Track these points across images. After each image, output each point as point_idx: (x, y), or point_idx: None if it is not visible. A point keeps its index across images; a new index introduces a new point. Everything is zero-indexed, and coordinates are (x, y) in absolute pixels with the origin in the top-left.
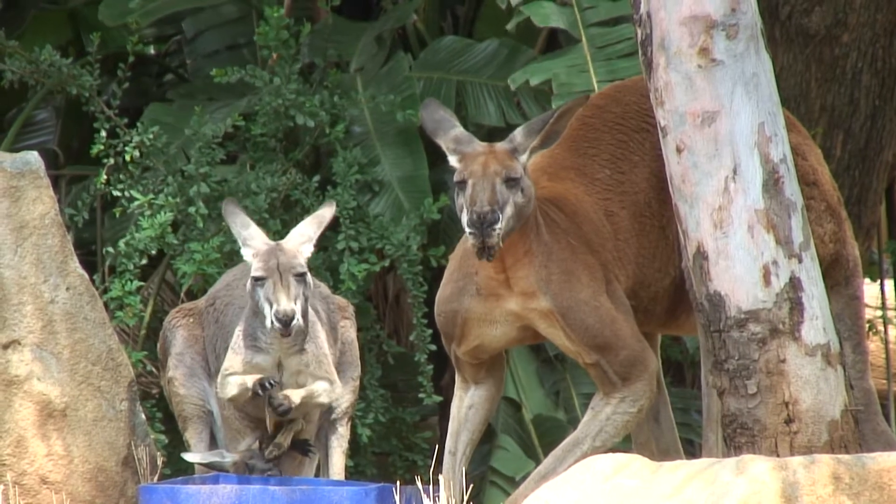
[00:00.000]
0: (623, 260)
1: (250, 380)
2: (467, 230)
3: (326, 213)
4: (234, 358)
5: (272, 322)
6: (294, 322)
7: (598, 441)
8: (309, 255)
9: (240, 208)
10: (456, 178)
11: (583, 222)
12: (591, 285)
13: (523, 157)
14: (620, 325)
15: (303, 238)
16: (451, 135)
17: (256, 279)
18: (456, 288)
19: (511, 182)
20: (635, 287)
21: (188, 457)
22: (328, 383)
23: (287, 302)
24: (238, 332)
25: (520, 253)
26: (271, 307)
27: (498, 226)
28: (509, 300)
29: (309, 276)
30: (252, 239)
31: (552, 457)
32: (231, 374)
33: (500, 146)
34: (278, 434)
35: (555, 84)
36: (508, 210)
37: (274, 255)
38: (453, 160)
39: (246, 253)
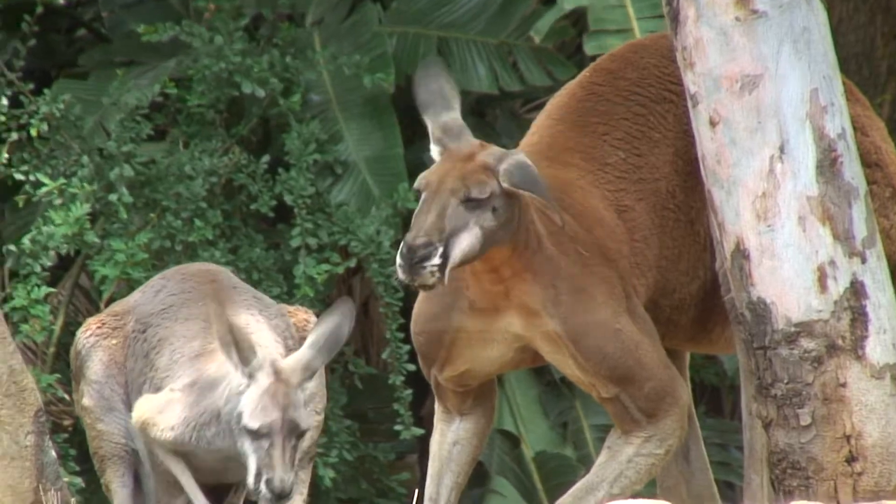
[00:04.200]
0: (641, 266)
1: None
2: (396, 261)
3: (343, 331)
4: (177, 437)
5: (256, 487)
6: (290, 498)
7: (616, 487)
8: (310, 391)
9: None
10: (416, 184)
11: (594, 225)
12: (608, 304)
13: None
14: (645, 350)
15: (306, 373)
16: (442, 120)
17: (250, 431)
18: (442, 304)
19: (473, 203)
20: (655, 296)
21: None
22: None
23: (289, 473)
24: (191, 420)
25: (517, 268)
26: (261, 469)
27: (431, 263)
28: (510, 315)
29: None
30: (257, 370)
31: None
32: (169, 449)
33: (482, 158)
34: (230, 493)
35: (591, 18)
36: (465, 239)
37: (277, 402)
38: (435, 153)
39: (239, 380)
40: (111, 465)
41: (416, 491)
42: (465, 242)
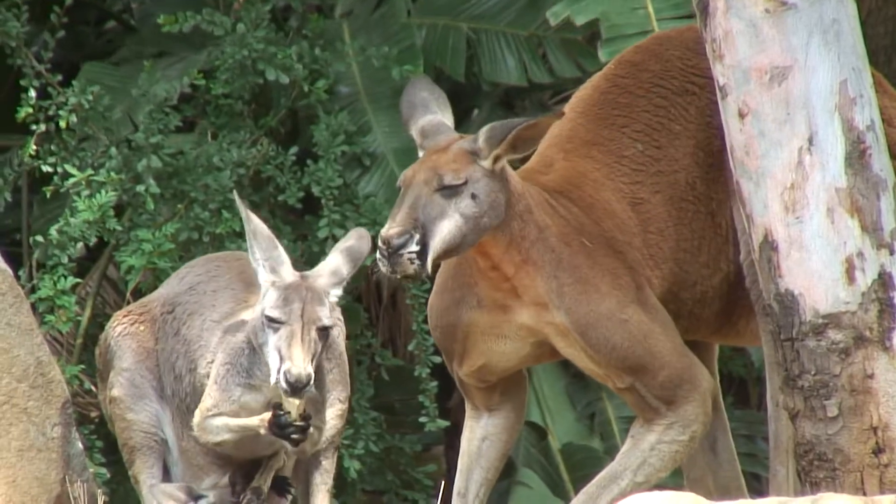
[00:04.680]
0: (656, 258)
1: (255, 419)
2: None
3: (361, 247)
4: (221, 396)
5: (278, 381)
6: (306, 389)
7: (640, 476)
8: (336, 299)
9: (254, 213)
10: (397, 183)
11: (602, 217)
12: (613, 295)
13: (486, 163)
14: (656, 339)
15: (334, 279)
16: (420, 125)
17: (271, 320)
18: (452, 299)
19: (448, 191)
20: (675, 288)
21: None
22: (316, 431)
23: (304, 363)
24: (225, 364)
25: (517, 261)
26: (281, 361)
27: (408, 251)
28: (520, 311)
29: (336, 331)
30: (279, 264)
31: (584, 495)
32: (216, 414)
33: (458, 145)
34: (256, 475)
35: (604, 26)
36: (444, 226)
37: (299, 295)
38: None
39: (263, 276)
40: (140, 457)
41: (443, 483)
42: (445, 229)
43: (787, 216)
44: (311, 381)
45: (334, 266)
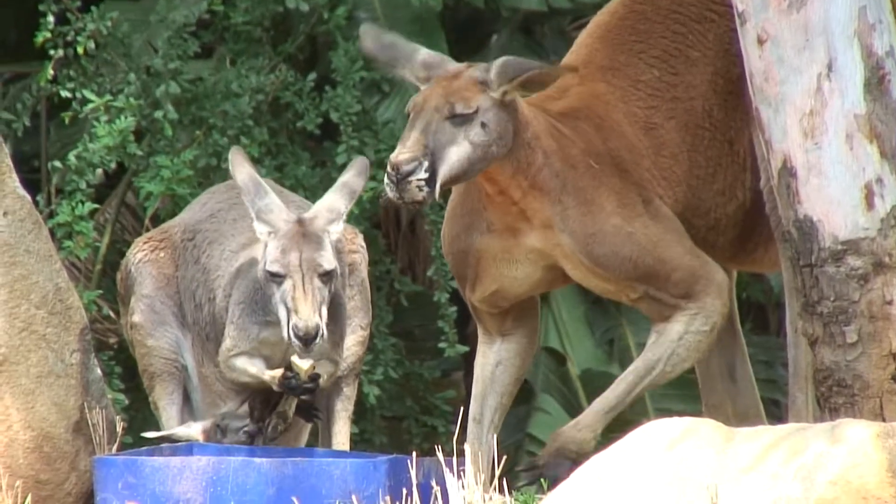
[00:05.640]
0: (669, 180)
1: (268, 374)
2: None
3: (359, 179)
4: (239, 335)
5: (288, 335)
6: (317, 340)
7: (668, 366)
8: (338, 235)
9: (250, 163)
10: (406, 108)
11: (609, 136)
12: (618, 213)
13: (495, 94)
14: (666, 245)
15: (331, 215)
16: (419, 60)
17: (272, 274)
18: (462, 224)
19: (459, 119)
20: (687, 214)
21: (148, 435)
22: (333, 365)
23: (310, 314)
24: (240, 303)
25: (524, 186)
26: (288, 314)
27: (416, 177)
28: (530, 234)
29: (338, 269)
30: (268, 212)
31: (622, 383)
32: (237, 354)
33: (469, 74)
34: (280, 401)
35: None
36: (453, 154)
37: (296, 244)
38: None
39: (259, 229)
40: (160, 382)
41: (462, 409)
42: (454, 157)
43: (805, 142)
44: (321, 333)
45: (330, 203)
